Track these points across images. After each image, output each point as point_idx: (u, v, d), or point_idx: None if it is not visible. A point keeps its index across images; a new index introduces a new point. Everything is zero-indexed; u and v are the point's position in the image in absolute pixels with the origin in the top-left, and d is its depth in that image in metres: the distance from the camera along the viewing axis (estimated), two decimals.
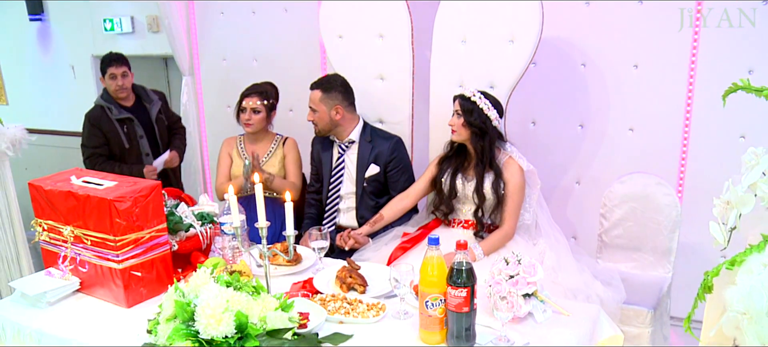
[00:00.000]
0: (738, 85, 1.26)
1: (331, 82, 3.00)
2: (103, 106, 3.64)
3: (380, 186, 3.04)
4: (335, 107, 2.95)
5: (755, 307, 1.00)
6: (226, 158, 3.36)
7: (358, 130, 3.04)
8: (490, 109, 2.62)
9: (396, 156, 3.01)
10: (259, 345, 1.65)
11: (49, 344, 1.97)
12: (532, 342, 1.75)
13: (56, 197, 2.13)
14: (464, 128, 2.65)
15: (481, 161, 2.66)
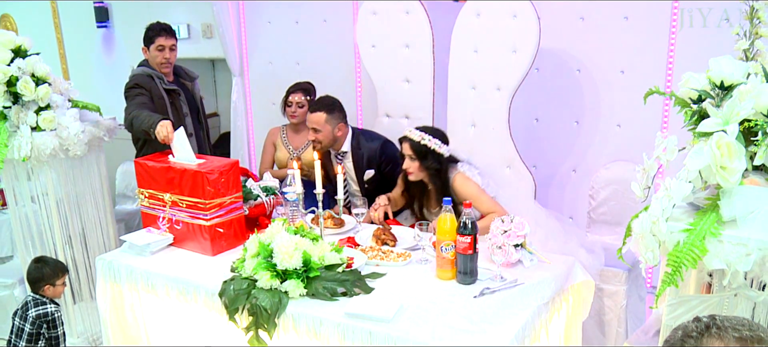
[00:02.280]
0: (652, 90, 1.88)
1: (332, 104, 3.40)
2: (151, 74, 3.62)
3: (382, 183, 3.44)
4: (338, 126, 3.39)
5: (639, 228, 1.62)
6: (270, 147, 4.01)
7: (349, 140, 3.48)
8: (441, 146, 2.98)
9: (385, 158, 3.44)
10: (319, 275, 2.30)
11: (155, 281, 2.64)
12: (520, 280, 2.38)
13: (158, 171, 2.80)
14: (421, 171, 3.01)
15: (440, 194, 2.96)
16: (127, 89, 3.57)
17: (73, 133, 3.24)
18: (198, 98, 3.97)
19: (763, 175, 1.64)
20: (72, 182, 3.46)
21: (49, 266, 3.13)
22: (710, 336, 1.14)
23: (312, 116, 3.38)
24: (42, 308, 3.05)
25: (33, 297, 3.10)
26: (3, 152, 3.18)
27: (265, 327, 2.25)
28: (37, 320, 3.03)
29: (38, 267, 3.11)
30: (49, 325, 3.06)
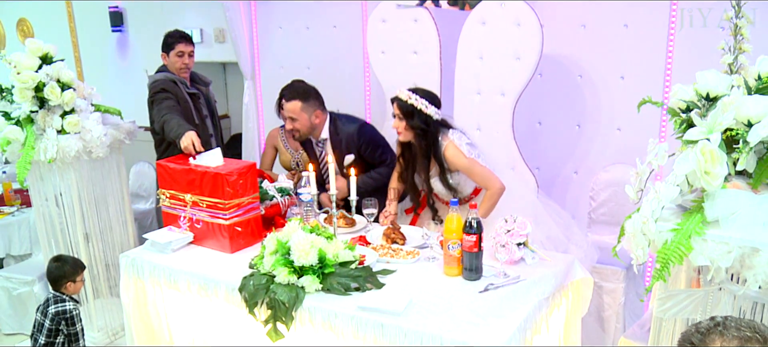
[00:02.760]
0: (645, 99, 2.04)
1: (306, 91, 3.43)
2: (174, 79, 3.78)
3: (364, 165, 3.49)
4: (315, 113, 3.42)
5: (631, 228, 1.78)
6: (270, 149, 4.16)
7: (326, 126, 3.50)
8: (428, 106, 2.98)
9: (363, 140, 3.47)
10: (334, 271, 2.47)
11: (178, 277, 2.81)
12: (522, 277, 2.54)
13: (179, 173, 2.97)
14: (408, 130, 3.03)
15: (425, 156, 3.05)
16: (154, 93, 3.71)
17: (96, 136, 3.41)
18: (213, 102, 4.13)
19: (745, 179, 1.79)
20: (94, 183, 3.63)
21: (68, 264, 3.29)
22: (715, 334, 1.30)
23: (287, 105, 3.41)
24: (61, 305, 3.21)
25: (53, 295, 3.26)
26: (30, 155, 3.35)
27: (282, 320, 2.42)
28: (56, 316, 3.19)
29: (58, 266, 3.27)
30: (67, 322, 3.21)
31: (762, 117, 1.69)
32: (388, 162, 3.56)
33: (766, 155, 1.74)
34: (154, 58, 5.58)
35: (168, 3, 5.37)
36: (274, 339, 2.45)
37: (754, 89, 1.79)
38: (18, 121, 3.40)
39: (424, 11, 3.75)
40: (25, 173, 3.33)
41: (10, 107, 3.43)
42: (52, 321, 3.17)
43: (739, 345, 1.29)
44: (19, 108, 3.40)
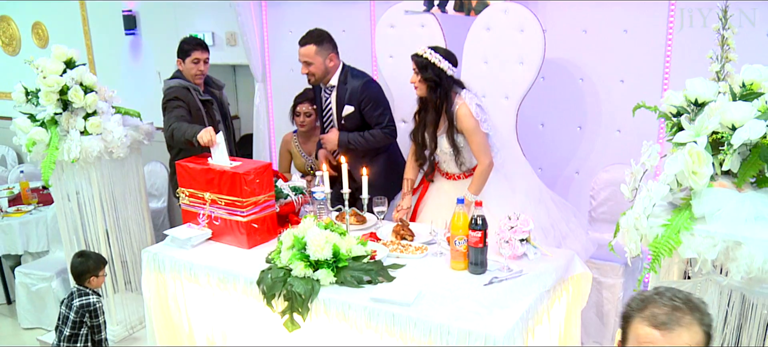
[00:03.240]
0: (640, 104, 2.20)
1: (321, 35, 3.57)
2: (187, 86, 3.88)
3: (360, 122, 3.63)
4: (329, 56, 3.58)
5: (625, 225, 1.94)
6: (286, 154, 4.33)
7: (337, 74, 3.64)
8: (442, 60, 3.13)
9: (366, 95, 3.58)
10: (347, 265, 2.63)
11: (198, 271, 2.97)
12: (525, 271, 2.70)
13: (198, 173, 3.14)
14: (422, 84, 3.20)
15: (435, 110, 3.20)
16: (166, 101, 3.84)
17: (117, 137, 3.58)
18: (226, 105, 4.29)
19: (730, 178, 1.95)
20: (114, 182, 3.80)
21: (91, 259, 3.46)
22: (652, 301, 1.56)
23: (302, 50, 3.56)
24: (85, 298, 3.38)
25: (77, 288, 3.44)
26: (54, 155, 3.52)
27: (299, 310, 2.58)
28: (81, 309, 3.37)
29: (82, 261, 3.45)
30: (91, 314, 3.39)
31: (745, 121, 1.85)
32: (384, 125, 3.66)
33: (749, 156, 1.89)
34: (166, 61, 5.78)
35: (180, 7, 5.54)
36: (290, 329, 2.61)
37: (739, 95, 1.95)
38: (43, 123, 3.57)
39: (430, 17, 3.92)
40: (50, 172, 3.50)
41: (35, 109, 3.59)
42: (76, 313, 3.34)
43: (668, 310, 1.52)
44: (43, 110, 3.56)
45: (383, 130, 3.68)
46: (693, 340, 1.51)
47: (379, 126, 3.68)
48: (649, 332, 1.53)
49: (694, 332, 1.51)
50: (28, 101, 3.61)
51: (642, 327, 1.55)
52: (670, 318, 1.51)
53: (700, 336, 1.52)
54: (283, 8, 4.97)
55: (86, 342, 3.41)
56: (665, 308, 1.53)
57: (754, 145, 1.87)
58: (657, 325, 1.52)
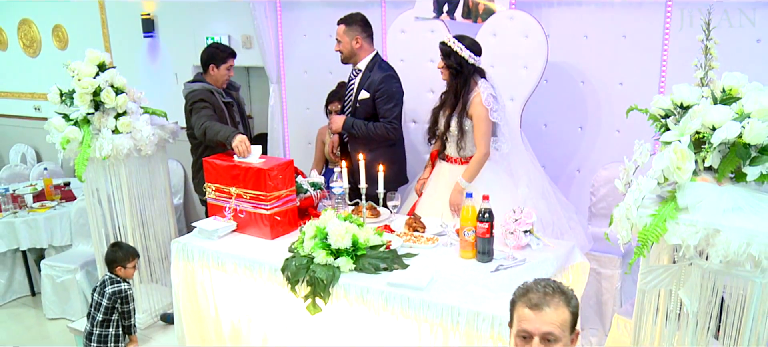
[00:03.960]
0: (632, 107, 2.45)
1: (353, 18, 3.97)
2: (211, 89, 4.16)
3: (371, 111, 3.96)
4: (355, 38, 3.95)
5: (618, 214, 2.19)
6: (320, 144, 4.67)
7: (366, 60, 4.01)
8: (464, 50, 3.44)
9: (382, 87, 3.89)
10: (365, 253, 2.89)
11: (225, 260, 3.23)
12: (528, 260, 2.95)
13: (224, 169, 3.40)
14: (445, 69, 3.52)
15: (454, 94, 3.54)
16: (193, 102, 4.11)
17: (146, 135, 3.84)
18: (242, 106, 4.56)
19: (711, 174, 2.19)
20: (141, 178, 4.06)
21: (122, 250, 3.73)
22: (531, 289, 1.99)
23: (337, 29, 4.01)
24: (117, 286, 3.65)
25: (109, 276, 3.70)
26: (87, 152, 3.78)
27: (321, 295, 2.84)
28: (113, 296, 3.63)
29: (113, 251, 3.72)
30: (122, 301, 3.66)
31: (724, 123, 2.10)
32: (389, 120, 3.94)
33: (728, 154, 2.14)
34: (183, 63, 6.06)
35: (197, 11, 5.79)
36: (312, 313, 2.87)
37: (719, 99, 2.20)
38: (76, 122, 3.82)
39: (440, 23, 4.17)
40: (83, 168, 3.76)
41: (68, 109, 3.85)
42: (109, 299, 3.60)
43: (541, 295, 1.95)
44: (76, 110, 3.82)
45: (386, 124, 3.95)
46: (559, 317, 1.92)
47: (385, 119, 3.96)
48: (526, 312, 1.95)
49: (560, 311, 1.93)
50: (62, 101, 3.86)
51: (521, 309, 1.97)
52: (542, 301, 1.93)
53: (567, 314, 1.94)
54: (297, 12, 5.23)
55: (117, 327, 3.67)
56: (538, 293, 1.95)
57: (731, 144, 2.11)
58: (531, 306, 1.94)
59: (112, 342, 3.64)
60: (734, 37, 3.71)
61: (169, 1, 5.96)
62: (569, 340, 1.97)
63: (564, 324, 1.93)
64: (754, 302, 2.18)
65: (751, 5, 3.65)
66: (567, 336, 1.95)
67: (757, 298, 2.17)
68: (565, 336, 1.93)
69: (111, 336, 3.63)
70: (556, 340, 1.91)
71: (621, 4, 4.02)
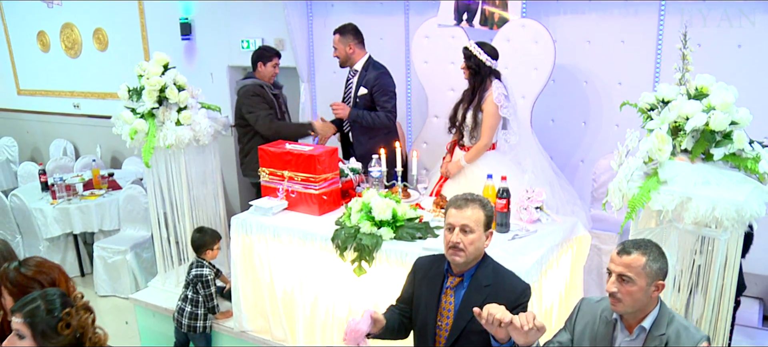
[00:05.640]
0: (625, 102, 3.07)
1: (346, 29, 4.72)
2: (262, 85, 4.82)
3: (370, 103, 4.70)
4: (349, 45, 4.72)
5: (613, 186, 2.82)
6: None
7: (362, 62, 4.76)
8: (482, 53, 4.03)
9: (378, 82, 4.64)
10: (403, 224, 3.51)
11: (280, 232, 3.85)
12: (539, 231, 3.57)
13: (277, 155, 4.01)
14: (465, 70, 4.13)
15: (471, 91, 4.15)
16: (250, 96, 4.78)
17: (204, 127, 4.47)
18: (286, 101, 5.19)
19: (686, 154, 2.82)
20: (197, 166, 4.68)
21: (207, 234, 4.32)
22: (457, 197, 2.66)
23: (333, 38, 4.76)
24: (199, 270, 4.23)
25: (196, 260, 4.28)
26: (152, 142, 4.40)
27: (366, 259, 3.46)
28: (194, 279, 4.23)
29: (200, 236, 4.29)
30: (202, 284, 4.22)
31: (695, 114, 2.72)
32: (388, 110, 4.68)
33: (699, 138, 2.76)
34: (218, 64, 6.69)
35: (233, 16, 6.42)
36: (359, 274, 3.49)
37: (693, 96, 2.82)
38: (142, 115, 4.45)
39: (460, 30, 4.80)
40: (150, 156, 4.39)
41: (135, 104, 4.48)
42: (192, 282, 4.20)
43: (463, 199, 2.61)
44: (142, 105, 4.44)
45: (386, 112, 4.69)
46: (474, 214, 2.54)
47: (384, 109, 4.68)
48: (452, 211, 2.58)
49: (475, 210, 2.55)
50: (130, 97, 4.48)
51: (450, 210, 2.59)
52: (463, 203, 2.57)
53: (481, 214, 2.55)
54: (327, 17, 5.86)
55: (203, 307, 4.26)
56: (462, 199, 2.60)
57: (701, 131, 2.74)
58: (456, 207, 2.58)
59: (201, 320, 4.25)
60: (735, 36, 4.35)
61: (205, 1, 6.56)
62: (483, 234, 2.58)
63: (479, 221, 2.54)
64: (719, 257, 2.82)
65: (751, 5, 4.23)
66: (481, 230, 2.56)
67: (721, 253, 2.80)
68: (479, 229, 2.55)
69: (200, 315, 4.24)
70: (471, 231, 2.53)
71: (620, 13, 4.65)
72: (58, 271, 2.49)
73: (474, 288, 2.59)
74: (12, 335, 2.09)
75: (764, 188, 2.68)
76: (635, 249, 2.30)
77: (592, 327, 2.45)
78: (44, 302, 2.09)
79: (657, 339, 2.31)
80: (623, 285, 2.28)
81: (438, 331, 2.65)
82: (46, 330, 2.07)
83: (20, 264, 2.44)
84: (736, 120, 2.71)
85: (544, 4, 4.81)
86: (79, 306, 2.14)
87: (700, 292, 2.98)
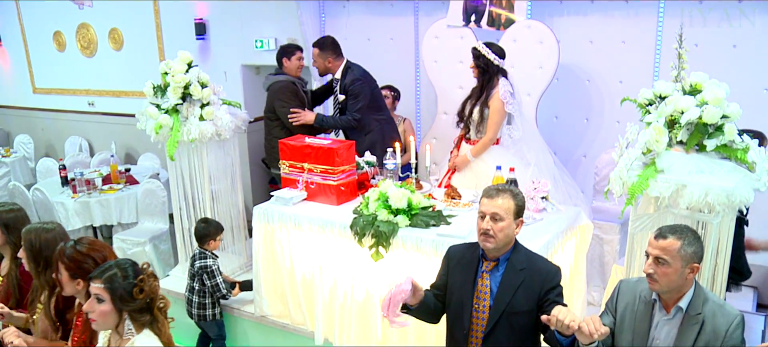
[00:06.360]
0: (625, 98, 3.34)
1: (324, 43, 5.08)
2: (294, 81, 5.21)
3: (347, 104, 5.08)
4: (328, 59, 5.10)
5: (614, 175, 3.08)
6: None
7: (340, 70, 5.12)
8: (490, 53, 4.31)
9: (351, 88, 5.02)
10: (418, 212, 3.78)
11: (301, 221, 4.12)
12: (545, 219, 3.83)
13: (297, 148, 4.28)
14: (474, 69, 4.41)
15: (480, 88, 4.42)
16: (283, 92, 5.14)
17: (226, 122, 4.74)
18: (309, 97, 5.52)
19: (681, 146, 3.08)
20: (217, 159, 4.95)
21: (212, 226, 4.56)
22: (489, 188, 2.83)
23: (313, 51, 5.15)
24: (203, 261, 4.47)
25: (199, 251, 4.51)
26: (176, 136, 4.67)
27: (384, 244, 3.72)
28: (199, 271, 4.48)
29: (204, 227, 4.53)
30: (208, 275, 4.46)
31: (689, 108, 2.99)
32: (352, 112, 5.04)
33: (693, 131, 3.03)
34: (232, 63, 6.95)
35: (246, 16, 6.69)
36: (376, 259, 3.76)
37: (687, 92, 3.09)
38: (166, 111, 4.71)
39: (468, 30, 5.07)
40: (174, 149, 4.66)
41: (160, 100, 4.74)
42: (197, 273, 4.45)
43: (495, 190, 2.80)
44: (167, 101, 4.71)
45: (350, 115, 5.08)
46: (504, 204, 2.70)
47: (349, 112, 5.08)
48: (484, 200, 2.76)
49: (505, 199, 2.71)
50: (154, 94, 4.75)
51: (482, 199, 2.77)
52: (494, 193, 2.75)
53: (511, 203, 2.71)
54: (339, 18, 6.13)
55: (210, 296, 4.52)
56: (494, 189, 2.78)
57: (695, 123, 3.01)
58: (488, 196, 2.75)
59: (210, 309, 4.51)
60: (714, 42, 4.61)
61: (220, 2, 6.82)
62: (513, 222, 2.74)
63: (508, 210, 2.70)
64: (711, 240, 3.08)
65: (751, 5, 4.48)
66: (511, 219, 2.72)
67: (713, 236, 3.07)
68: (508, 217, 2.70)
69: (208, 304, 4.50)
70: (501, 219, 2.69)
71: (621, 15, 4.92)
72: (108, 249, 2.77)
73: (510, 271, 2.78)
74: (91, 300, 2.36)
75: (753, 176, 2.94)
76: (671, 234, 2.47)
77: (633, 307, 2.66)
78: (120, 270, 2.37)
79: (694, 319, 2.51)
80: (659, 267, 2.47)
81: (474, 313, 2.81)
82: (124, 294, 2.34)
83: (75, 243, 2.71)
84: (727, 114, 2.98)
85: (548, 6, 5.09)
86: (148, 274, 2.41)
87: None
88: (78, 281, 2.66)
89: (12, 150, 8.28)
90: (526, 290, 2.72)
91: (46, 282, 2.88)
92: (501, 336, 2.72)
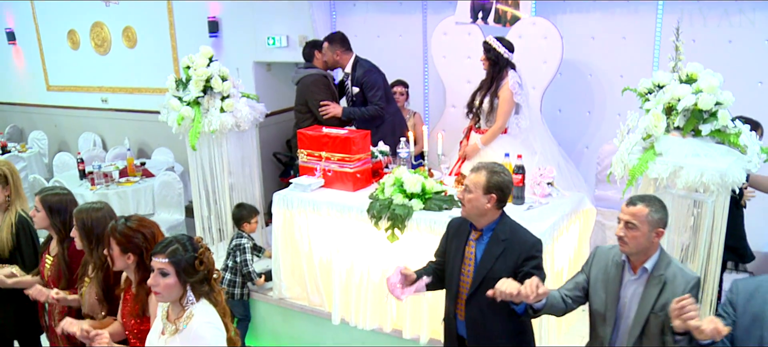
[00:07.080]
0: (626, 88, 3.60)
1: (333, 38, 5.32)
2: (326, 75, 5.47)
3: (364, 98, 5.31)
4: (336, 52, 5.31)
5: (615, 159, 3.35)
6: None
7: (350, 63, 5.35)
8: (500, 46, 4.59)
9: (365, 79, 5.25)
10: (431, 196, 4.04)
11: (319, 206, 4.38)
12: (550, 203, 4.09)
13: (315, 137, 4.54)
14: (485, 61, 4.68)
15: (489, 79, 4.68)
16: (317, 84, 5.39)
17: (245, 114, 5.00)
18: None
19: (678, 131, 3.35)
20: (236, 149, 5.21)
21: (245, 209, 4.86)
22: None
23: (323, 45, 5.35)
24: (238, 240, 4.76)
25: (236, 232, 4.81)
26: (198, 127, 4.92)
27: (399, 227, 3.98)
28: (234, 248, 4.75)
29: (238, 211, 4.84)
30: (240, 251, 4.74)
31: (685, 96, 3.26)
32: (376, 101, 5.26)
33: (689, 117, 3.30)
34: (244, 60, 7.20)
35: (259, 14, 6.94)
36: (392, 241, 4.02)
37: (684, 81, 3.35)
38: (188, 103, 4.97)
39: (475, 27, 5.34)
40: (196, 140, 4.91)
41: (182, 93, 5.00)
42: (231, 250, 4.73)
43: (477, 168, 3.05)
44: (188, 94, 4.96)
45: (374, 104, 5.28)
46: (475, 178, 2.96)
47: (371, 102, 5.27)
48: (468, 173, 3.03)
49: (478, 174, 2.96)
50: (177, 87, 5.01)
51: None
52: (474, 168, 3.00)
53: (481, 179, 2.94)
54: (350, 16, 6.39)
55: (241, 275, 4.77)
56: (475, 166, 3.03)
57: (691, 110, 3.27)
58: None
59: (238, 288, 4.77)
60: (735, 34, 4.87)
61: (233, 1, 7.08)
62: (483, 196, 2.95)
63: (477, 184, 2.95)
64: (706, 219, 3.34)
65: (751, 5, 4.73)
66: (480, 193, 2.95)
67: (709, 215, 3.33)
68: (477, 191, 2.95)
69: (237, 282, 4.76)
70: (469, 191, 2.98)
71: (621, 12, 5.19)
72: (155, 226, 3.00)
73: (493, 241, 3.07)
74: (155, 274, 2.55)
75: (744, 158, 3.21)
76: (640, 201, 2.77)
77: (605, 270, 2.95)
78: (180, 244, 2.56)
79: (657, 279, 2.79)
80: (629, 231, 2.76)
81: (461, 278, 3.13)
82: (187, 266, 2.54)
83: (126, 220, 2.95)
84: (720, 101, 3.24)
85: (552, 4, 5.35)
86: (205, 248, 2.63)
87: (690, 258, 3.51)
88: (128, 255, 2.87)
89: (27, 146, 8.53)
90: (506, 259, 3.01)
91: (99, 258, 3.11)
92: (482, 300, 2.98)
